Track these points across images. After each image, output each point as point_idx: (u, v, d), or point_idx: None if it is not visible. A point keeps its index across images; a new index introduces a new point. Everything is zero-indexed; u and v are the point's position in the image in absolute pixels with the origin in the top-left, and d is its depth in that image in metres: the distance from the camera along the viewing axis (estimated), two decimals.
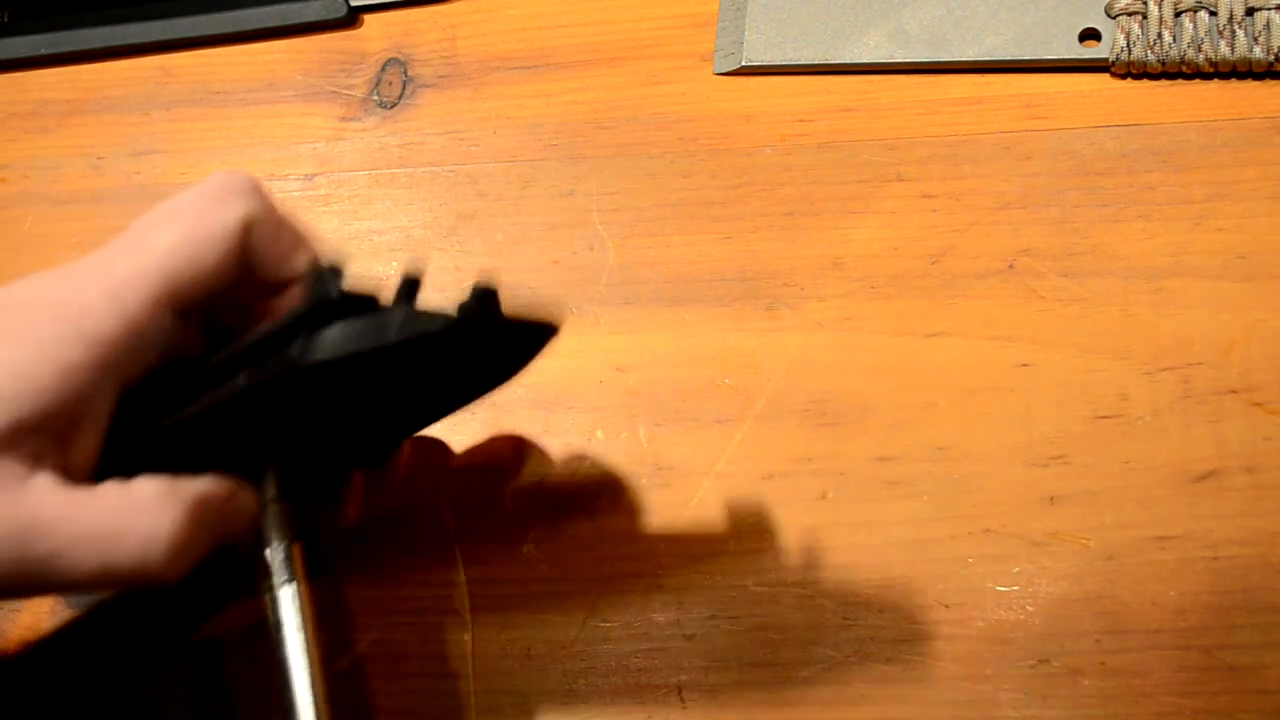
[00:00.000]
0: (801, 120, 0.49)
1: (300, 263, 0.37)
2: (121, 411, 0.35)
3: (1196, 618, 0.40)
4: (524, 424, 0.45)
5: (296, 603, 0.37)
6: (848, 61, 0.50)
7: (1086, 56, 0.48)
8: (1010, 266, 0.45)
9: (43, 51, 0.55)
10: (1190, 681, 0.39)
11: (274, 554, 0.38)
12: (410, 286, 0.36)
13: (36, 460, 0.33)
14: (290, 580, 0.37)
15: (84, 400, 0.34)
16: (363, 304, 0.35)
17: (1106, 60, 0.48)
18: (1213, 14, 0.47)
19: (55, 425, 0.34)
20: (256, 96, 0.54)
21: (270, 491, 0.38)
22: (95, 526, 0.33)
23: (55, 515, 0.33)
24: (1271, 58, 0.46)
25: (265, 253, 0.37)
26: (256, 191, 0.37)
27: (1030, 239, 0.46)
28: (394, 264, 0.49)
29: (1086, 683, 0.39)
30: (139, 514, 0.34)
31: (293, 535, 0.38)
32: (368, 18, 0.55)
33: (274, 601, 0.37)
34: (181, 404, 0.36)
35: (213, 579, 0.40)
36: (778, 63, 0.50)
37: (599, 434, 0.45)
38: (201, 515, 0.35)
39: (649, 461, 0.44)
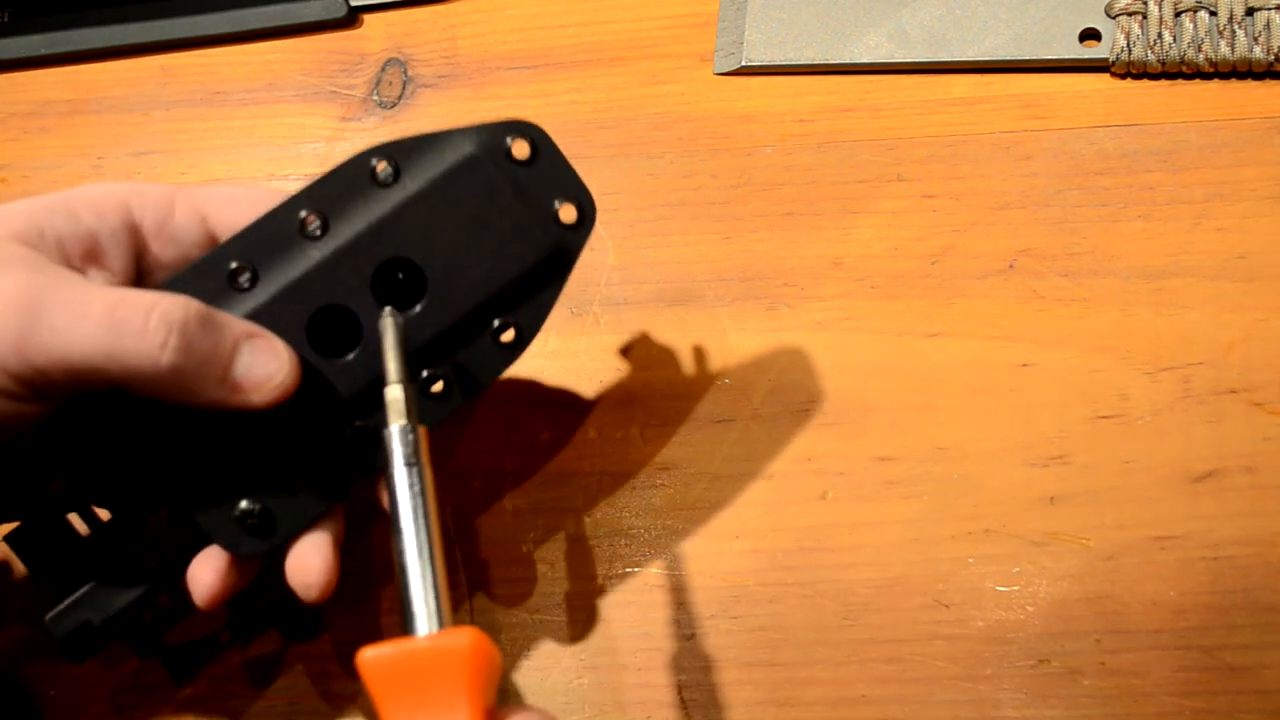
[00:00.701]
0: (801, 120, 0.49)
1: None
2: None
3: (1196, 618, 0.40)
4: (525, 424, 0.45)
5: (418, 486, 0.35)
6: (848, 61, 0.50)
7: (1086, 56, 0.48)
8: (1010, 266, 0.45)
9: (43, 51, 0.55)
10: (1190, 681, 0.39)
11: (396, 435, 0.36)
12: None
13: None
14: (411, 463, 0.35)
15: (107, 237, 0.37)
16: None
17: (1106, 60, 0.48)
18: (1213, 14, 0.47)
19: (79, 246, 0.36)
20: (256, 96, 0.54)
21: (395, 373, 0.37)
22: (108, 291, 0.35)
23: (75, 279, 0.35)
24: (1271, 58, 0.46)
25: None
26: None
27: (1030, 239, 0.46)
28: None
29: (1086, 683, 0.39)
30: (152, 295, 0.35)
31: (418, 418, 0.36)
32: (368, 18, 0.55)
33: (393, 484, 0.35)
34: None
35: None
36: (778, 63, 0.50)
37: (598, 433, 0.45)
38: (213, 319, 0.36)
39: (649, 461, 0.44)
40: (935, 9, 0.50)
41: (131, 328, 0.34)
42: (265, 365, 0.36)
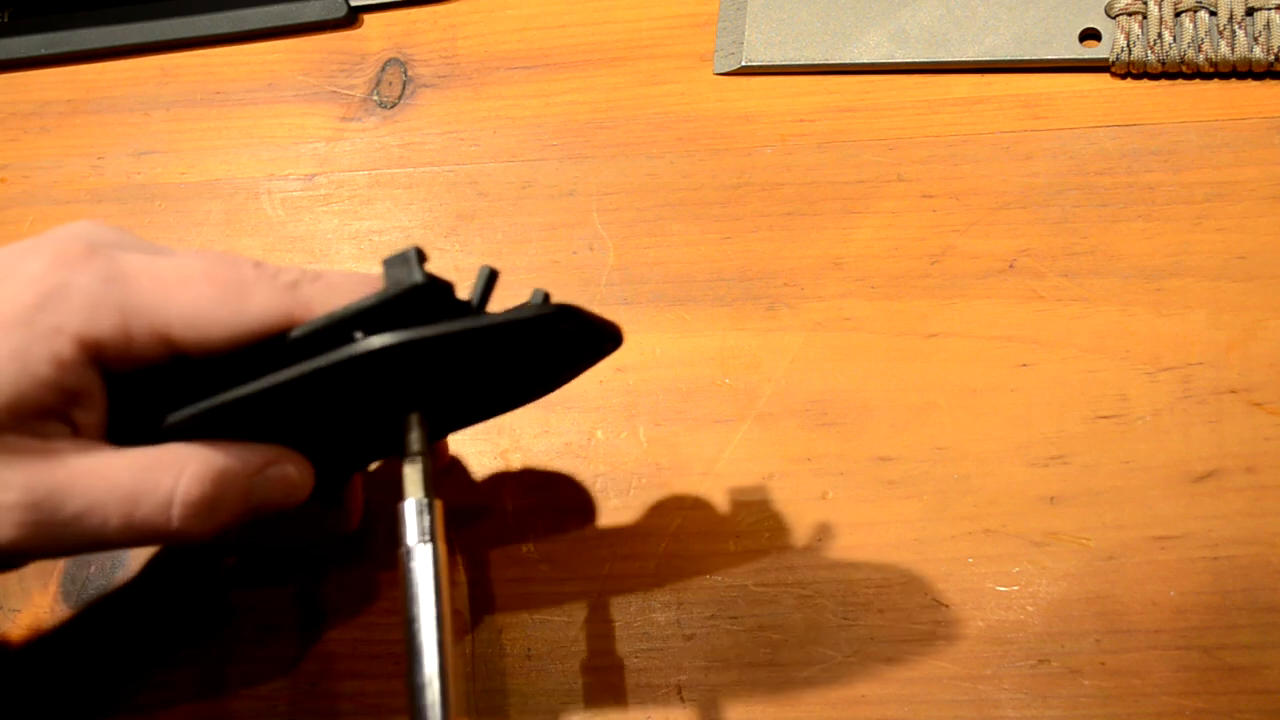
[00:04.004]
0: (801, 120, 0.49)
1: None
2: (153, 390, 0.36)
3: (1196, 618, 0.40)
4: (525, 424, 0.45)
5: (429, 564, 0.36)
6: (848, 61, 0.50)
7: (1086, 56, 0.48)
8: (1010, 266, 0.45)
9: (43, 51, 0.55)
10: (1190, 681, 0.39)
11: (410, 511, 0.36)
12: (488, 281, 0.37)
13: (47, 435, 0.34)
14: (425, 540, 0.36)
15: (73, 383, 0.34)
16: (443, 292, 0.36)
17: (1106, 60, 0.48)
18: (1213, 14, 0.47)
19: (53, 401, 0.34)
20: (256, 96, 0.54)
21: (415, 445, 0.37)
22: (119, 483, 0.34)
23: (81, 474, 0.34)
24: (1271, 58, 0.46)
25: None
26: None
27: (1030, 239, 0.46)
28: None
29: (1086, 683, 0.39)
30: (161, 472, 0.35)
31: (434, 493, 0.37)
32: (368, 18, 0.55)
33: (406, 560, 0.36)
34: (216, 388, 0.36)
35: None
36: (778, 63, 0.50)
37: (599, 434, 0.45)
38: (228, 478, 0.35)
39: (649, 461, 0.44)
40: (935, 9, 0.50)
41: (154, 526, 0.34)
42: (276, 494, 0.37)
